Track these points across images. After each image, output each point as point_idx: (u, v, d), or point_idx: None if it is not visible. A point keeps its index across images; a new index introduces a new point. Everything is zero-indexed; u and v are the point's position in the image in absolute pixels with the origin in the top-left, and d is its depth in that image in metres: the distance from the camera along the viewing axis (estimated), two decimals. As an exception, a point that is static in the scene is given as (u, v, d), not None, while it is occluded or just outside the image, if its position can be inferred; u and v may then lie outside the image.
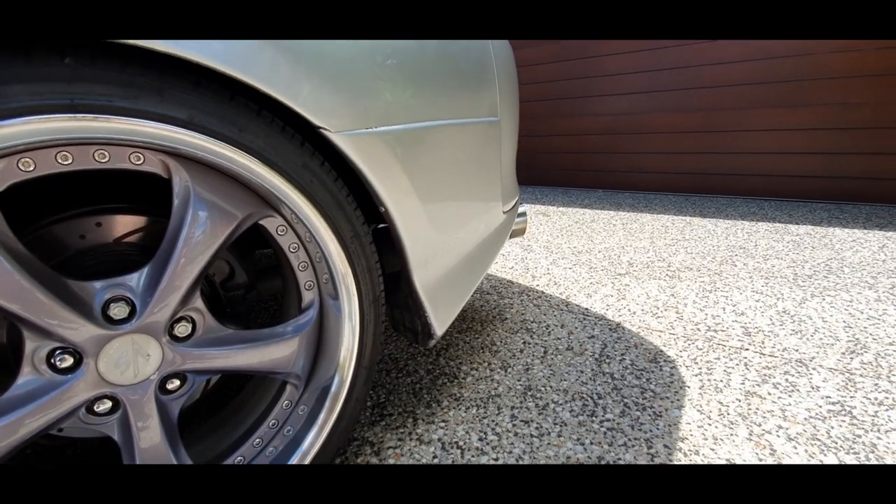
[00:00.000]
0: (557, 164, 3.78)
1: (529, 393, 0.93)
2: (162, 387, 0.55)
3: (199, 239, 0.52)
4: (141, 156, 0.48)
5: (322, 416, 0.67)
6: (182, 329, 0.55)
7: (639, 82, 3.26)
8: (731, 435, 0.79)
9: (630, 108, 3.33)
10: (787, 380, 0.94)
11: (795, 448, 0.76)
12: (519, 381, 0.97)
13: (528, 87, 3.82)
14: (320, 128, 0.56)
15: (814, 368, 0.98)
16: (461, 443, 0.80)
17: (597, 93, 3.47)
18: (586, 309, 1.33)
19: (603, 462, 0.76)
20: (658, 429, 0.81)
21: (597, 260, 1.80)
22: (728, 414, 0.84)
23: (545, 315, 1.30)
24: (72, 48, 0.40)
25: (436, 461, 0.77)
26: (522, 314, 1.31)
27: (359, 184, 0.64)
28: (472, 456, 0.77)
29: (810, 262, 1.67)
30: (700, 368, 0.99)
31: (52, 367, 0.47)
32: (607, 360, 1.04)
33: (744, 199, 2.94)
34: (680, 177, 3.23)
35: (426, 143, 0.75)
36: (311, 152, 0.58)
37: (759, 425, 0.81)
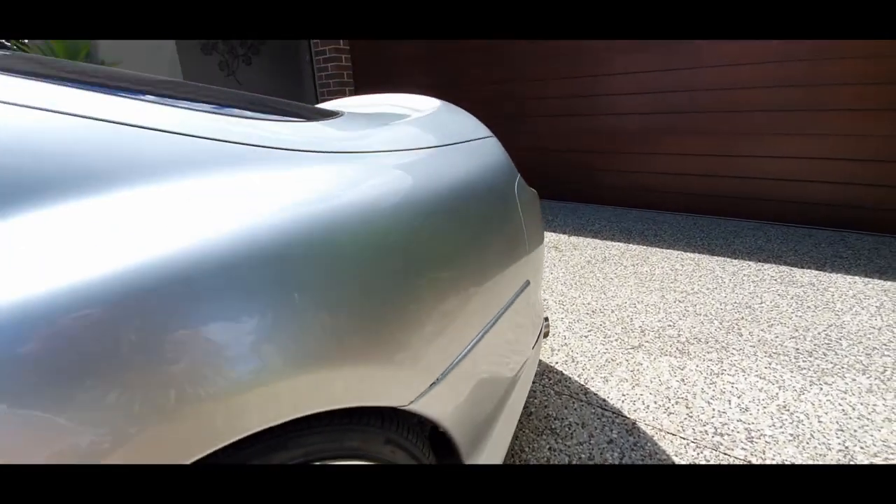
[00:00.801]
0: (568, 178, 3.83)
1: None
2: None
3: None
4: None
5: None
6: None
7: (649, 103, 3.26)
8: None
9: (641, 126, 3.35)
10: None
11: None
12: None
13: (540, 101, 3.81)
14: (400, 408, 0.68)
15: (807, 488, 1.12)
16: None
17: (607, 110, 3.47)
18: (604, 400, 1.47)
19: None
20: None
21: (610, 324, 1.92)
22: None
23: (566, 409, 1.44)
24: None
25: None
26: (546, 407, 1.45)
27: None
28: None
29: (812, 330, 1.78)
30: (707, 487, 1.14)
31: None
32: (625, 476, 1.18)
33: (750, 225, 3.02)
34: (689, 197, 3.28)
35: (477, 357, 0.86)
36: (391, 427, 0.69)
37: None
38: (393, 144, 0.83)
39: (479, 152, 1.01)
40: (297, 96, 6.24)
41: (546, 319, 1.40)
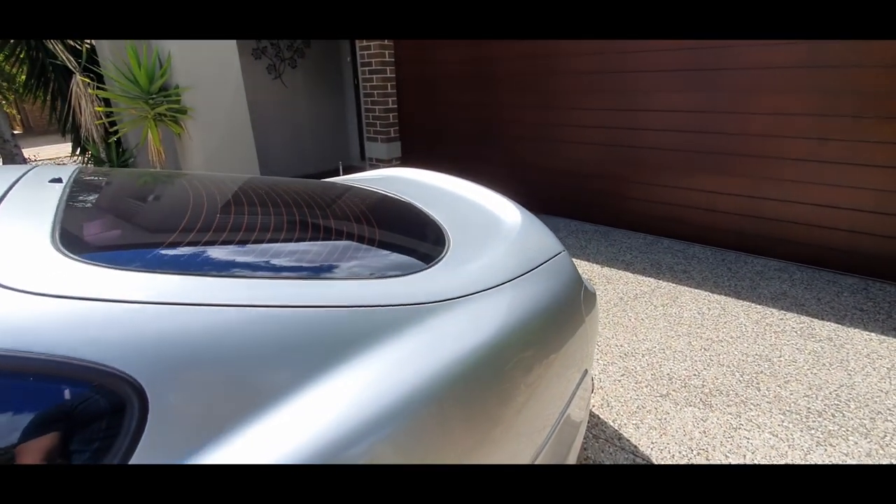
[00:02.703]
0: (602, 202, 4.01)
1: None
2: None
3: None
4: None
5: None
6: None
7: (686, 141, 3.42)
8: None
9: (676, 161, 3.51)
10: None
11: None
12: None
13: (580, 129, 3.97)
14: None
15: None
16: None
17: (644, 144, 3.63)
18: (635, 447, 1.73)
19: None
20: None
21: (641, 369, 2.17)
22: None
23: (603, 453, 1.70)
24: None
25: None
26: (585, 449, 1.72)
27: None
28: None
29: (824, 389, 2.00)
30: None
31: None
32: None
33: (776, 265, 3.18)
34: (718, 233, 3.45)
35: (553, 434, 1.12)
36: None
37: None
38: (490, 280, 1.08)
39: (556, 270, 1.25)
40: (338, 96, 6.47)
41: (585, 372, 1.66)
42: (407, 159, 5.33)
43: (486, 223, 1.42)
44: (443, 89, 4.74)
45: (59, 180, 1.10)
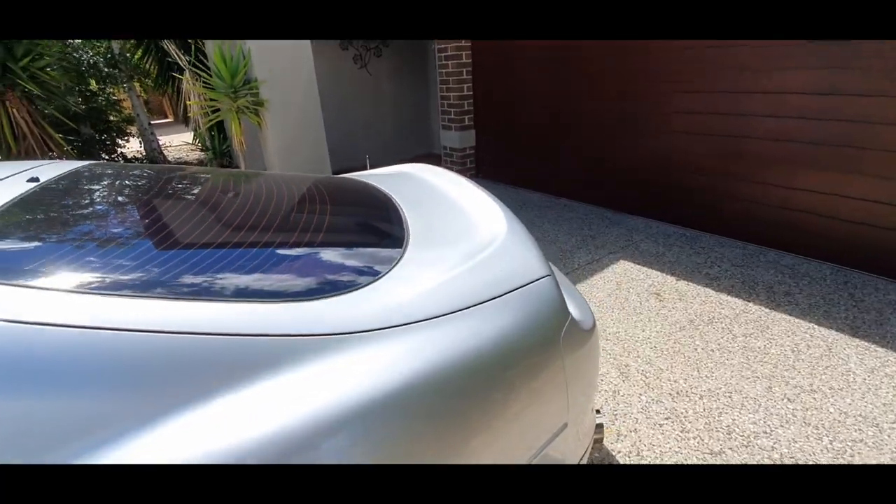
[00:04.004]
0: (692, 201, 3.44)
1: None
2: None
3: None
4: None
5: None
6: None
7: (802, 130, 2.74)
8: None
9: (788, 155, 2.85)
10: None
11: None
12: None
13: (667, 116, 3.43)
14: None
15: None
16: None
17: (749, 132, 3.00)
18: (659, 515, 1.42)
19: None
20: None
21: (693, 415, 1.79)
22: None
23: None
24: None
25: None
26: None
27: None
28: None
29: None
30: None
31: None
32: None
33: (926, 294, 2.44)
34: (841, 245, 2.75)
35: None
36: None
37: None
38: (434, 307, 0.90)
39: (530, 299, 1.02)
40: (421, 84, 6.44)
41: (601, 427, 1.39)
42: (480, 149, 5.13)
43: (460, 233, 1.22)
44: (519, 75, 4.43)
45: (35, 180, 1.16)
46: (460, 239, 1.19)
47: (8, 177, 1.14)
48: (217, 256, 0.97)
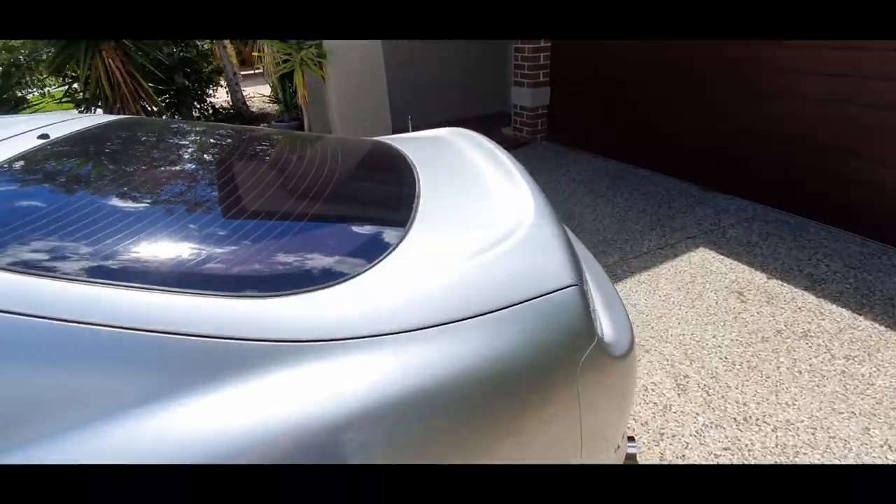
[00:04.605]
0: (800, 181, 2.86)
1: None
2: None
3: None
4: None
5: None
6: None
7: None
8: None
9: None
10: None
11: None
12: None
13: (792, 78, 2.81)
14: None
15: None
16: None
17: (877, 100, 2.35)
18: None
19: None
20: None
21: (762, 449, 1.49)
22: None
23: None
24: None
25: None
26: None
27: None
28: None
29: None
30: None
31: None
32: None
33: None
34: None
35: None
36: None
37: None
38: (432, 315, 0.74)
39: (545, 315, 0.81)
40: (500, 76, 5.98)
41: (632, 458, 1.18)
42: (554, 109, 4.68)
43: (477, 217, 1.03)
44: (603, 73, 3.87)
45: (45, 136, 1.13)
46: (475, 224, 1.00)
47: (23, 132, 1.12)
48: (159, 228, 0.86)
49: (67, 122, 1.27)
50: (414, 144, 1.56)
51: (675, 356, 1.91)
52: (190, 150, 1.37)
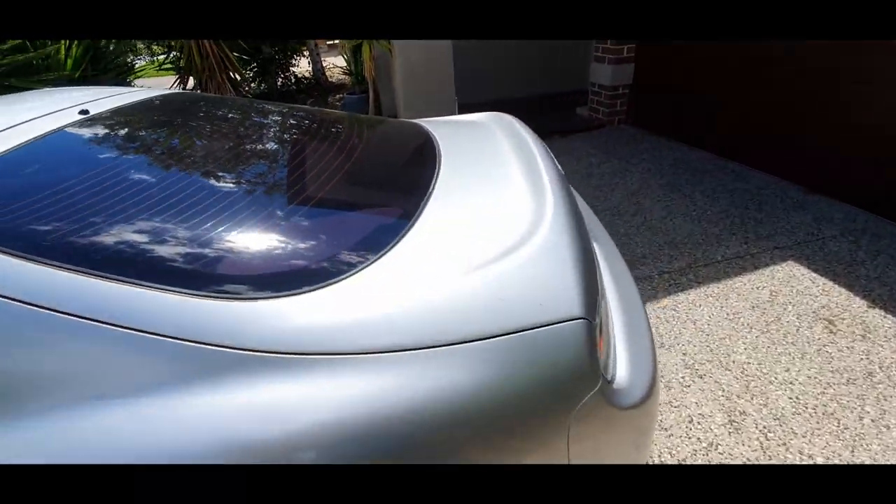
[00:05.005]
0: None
1: None
2: None
3: None
4: None
5: None
6: None
7: None
8: None
9: None
10: None
11: None
12: None
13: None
14: None
15: None
16: None
17: None
18: None
19: None
20: None
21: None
22: None
23: None
24: None
25: None
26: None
27: None
28: None
29: None
30: None
31: None
32: None
33: None
34: None
35: None
36: None
37: None
38: (397, 338, 0.67)
39: (537, 351, 0.70)
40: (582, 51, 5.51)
41: None
42: (637, 89, 4.24)
43: (489, 220, 0.92)
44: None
45: (85, 112, 1.17)
46: (482, 231, 0.90)
47: (65, 108, 1.16)
48: (143, 216, 0.84)
49: (111, 98, 1.31)
50: (448, 131, 1.45)
51: (733, 387, 1.67)
52: (207, 126, 1.37)
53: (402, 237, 0.86)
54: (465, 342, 0.69)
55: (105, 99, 1.31)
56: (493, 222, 0.92)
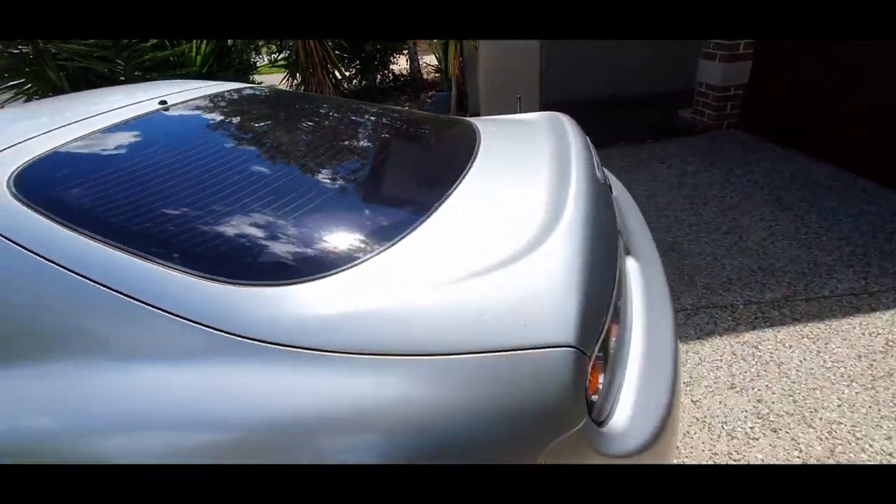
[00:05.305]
0: None
1: None
2: None
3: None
4: None
5: None
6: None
7: None
8: None
9: None
10: None
11: None
12: None
13: None
14: None
15: None
16: None
17: None
18: None
19: None
20: None
21: None
22: None
23: None
24: None
25: None
26: None
27: None
28: None
29: None
30: None
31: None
32: None
33: None
34: None
35: None
36: None
37: None
38: (377, 342, 0.65)
39: (511, 375, 0.64)
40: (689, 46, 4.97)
41: None
42: (754, 91, 3.72)
43: (502, 226, 0.86)
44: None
45: (164, 103, 1.30)
46: (490, 234, 0.84)
47: (145, 100, 1.30)
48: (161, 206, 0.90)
49: (189, 91, 1.45)
50: (494, 130, 1.38)
51: (813, 449, 1.39)
52: (264, 118, 1.45)
53: (398, 240, 0.83)
54: (429, 355, 0.64)
55: (185, 92, 1.45)
56: (500, 229, 0.86)
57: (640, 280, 1.03)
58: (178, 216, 0.84)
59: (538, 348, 0.64)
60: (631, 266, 1.09)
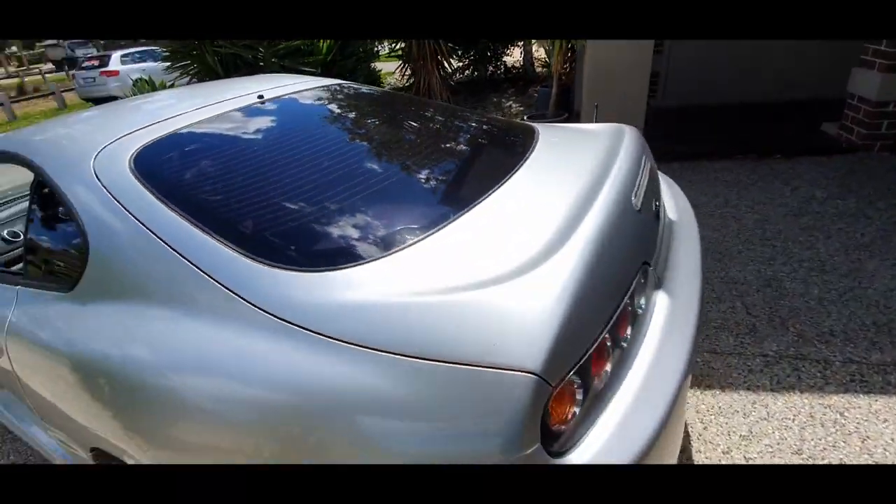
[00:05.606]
0: None
1: None
2: None
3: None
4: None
5: None
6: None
7: None
8: None
9: None
10: None
11: None
12: None
13: None
14: None
15: None
16: None
17: None
18: None
19: None
20: None
21: None
22: None
23: None
24: None
25: None
26: None
27: None
28: None
29: None
30: None
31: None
32: None
33: None
34: None
35: None
36: None
37: None
38: (357, 333, 0.75)
39: (465, 391, 0.68)
40: (845, 50, 4.17)
41: None
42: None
43: (519, 238, 0.89)
44: None
45: (261, 97, 1.48)
46: (500, 247, 0.88)
47: (247, 94, 1.50)
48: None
49: (285, 87, 1.63)
50: (553, 140, 1.37)
51: None
52: (346, 114, 1.59)
53: (411, 244, 0.89)
54: (392, 353, 0.70)
55: (284, 87, 1.63)
56: (508, 244, 0.88)
57: (663, 315, 0.98)
58: (264, 207, 1.02)
59: (500, 369, 0.67)
60: (660, 300, 1.03)
